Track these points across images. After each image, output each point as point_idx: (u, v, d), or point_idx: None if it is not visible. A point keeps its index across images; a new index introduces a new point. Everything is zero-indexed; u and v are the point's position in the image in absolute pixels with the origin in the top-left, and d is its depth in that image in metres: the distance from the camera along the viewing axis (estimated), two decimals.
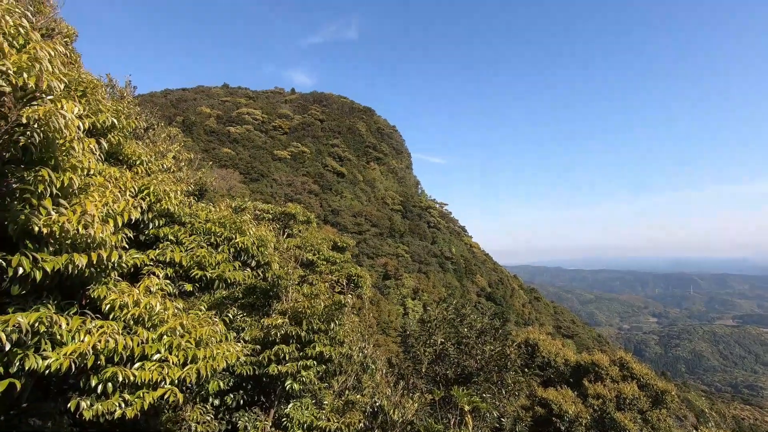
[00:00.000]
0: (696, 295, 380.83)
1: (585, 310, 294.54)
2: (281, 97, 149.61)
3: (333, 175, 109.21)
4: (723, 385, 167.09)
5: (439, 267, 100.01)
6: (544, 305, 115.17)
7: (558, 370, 17.03)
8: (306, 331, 7.78)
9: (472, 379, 11.44)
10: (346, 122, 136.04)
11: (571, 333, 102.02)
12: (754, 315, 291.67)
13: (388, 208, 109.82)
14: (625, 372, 15.28)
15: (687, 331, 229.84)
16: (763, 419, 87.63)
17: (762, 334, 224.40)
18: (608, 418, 13.28)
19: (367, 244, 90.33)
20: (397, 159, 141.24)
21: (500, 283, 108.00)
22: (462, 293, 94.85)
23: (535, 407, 15.24)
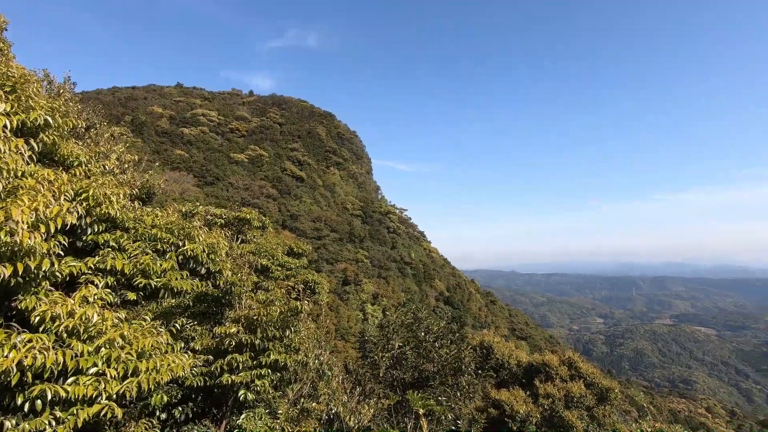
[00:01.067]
0: (638, 297, 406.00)
1: (538, 312, 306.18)
2: (239, 99, 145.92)
3: (292, 180, 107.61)
4: (662, 381, 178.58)
5: (398, 272, 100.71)
6: (500, 308, 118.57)
7: (511, 372, 17.56)
8: (260, 339, 7.57)
9: (428, 382, 11.57)
10: (306, 126, 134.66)
11: (525, 335, 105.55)
12: (689, 314, 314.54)
13: (348, 213, 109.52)
14: (573, 371, 16.01)
15: (630, 331, 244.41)
16: (696, 411, 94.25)
17: (695, 332, 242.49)
18: (557, 417, 13.83)
19: (327, 249, 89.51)
20: (357, 164, 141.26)
21: (458, 287, 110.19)
22: (421, 298, 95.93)
23: (488, 408, 15.61)
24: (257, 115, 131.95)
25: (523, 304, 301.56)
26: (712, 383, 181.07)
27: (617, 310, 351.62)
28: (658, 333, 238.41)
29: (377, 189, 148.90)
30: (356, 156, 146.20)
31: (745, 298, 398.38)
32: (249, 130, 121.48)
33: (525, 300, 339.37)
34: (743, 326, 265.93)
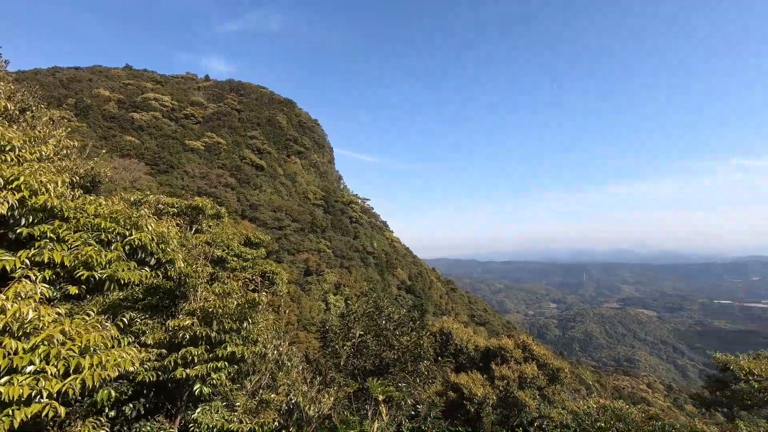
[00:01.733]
0: (589, 283, 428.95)
1: (496, 298, 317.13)
2: (194, 84, 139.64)
3: (251, 168, 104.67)
4: (608, 360, 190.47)
5: (361, 262, 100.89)
6: (460, 296, 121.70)
7: (469, 356, 18.12)
8: (217, 331, 7.37)
9: (389, 369, 11.74)
10: (266, 113, 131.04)
11: (483, 320, 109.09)
12: (634, 298, 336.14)
13: (310, 203, 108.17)
14: (527, 354, 16.75)
15: (581, 315, 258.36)
16: (638, 387, 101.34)
17: (639, 314, 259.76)
18: (512, 397, 14.46)
19: (288, 239, 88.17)
20: (319, 153, 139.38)
21: (419, 276, 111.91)
22: (383, 287, 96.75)
23: (448, 392, 16.07)
24: (214, 101, 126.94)
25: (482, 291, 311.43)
26: (653, 361, 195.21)
27: (569, 295, 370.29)
28: (606, 316, 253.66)
29: (339, 178, 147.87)
30: (318, 145, 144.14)
31: (683, 282, 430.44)
32: (205, 117, 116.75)
33: (484, 287, 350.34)
34: (680, 308, 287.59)
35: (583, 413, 11.89)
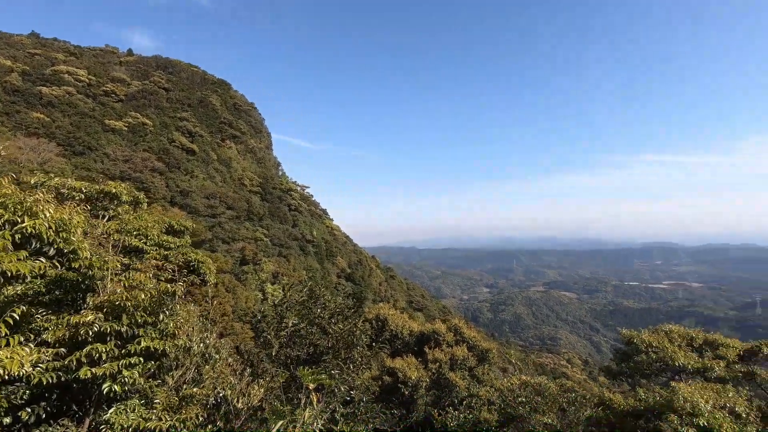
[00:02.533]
0: (518, 268, 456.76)
1: (433, 285, 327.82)
2: (114, 58, 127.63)
3: (182, 152, 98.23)
4: (534, 340, 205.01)
5: (300, 250, 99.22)
6: (399, 283, 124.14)
7: (404, 341, 18.56)
8: (128, 325, 6.81)
9: (322, 357, 11.66)
10: (197, 94, 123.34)
11: (421, 306, 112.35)
12: (557, 281, 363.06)
13: (246, 190, 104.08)
14: (459, 337, 17.48)
15: (510, 298, 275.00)
16: (559, 363, 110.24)
17: (561, 296, 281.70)
18: (443, 379, 15.04)
19: (222, 228, 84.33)
20: (256, 138, 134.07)
21: (359, 264, 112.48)
22: (323, 275, 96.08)
23: (383, 377, 16.35)
24: (138, 77, 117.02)
25: (420, 278, 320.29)
26: (572, 339, 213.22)
27: (501, 280, 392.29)
28: (533, 299, 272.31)
29: (278, 165, 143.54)
30: (255, 129, 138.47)
31: (599, 266, 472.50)
32: (128, 95, 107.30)
33: (422, 274, 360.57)
34: (597, 290, 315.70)
35: (507, 390, 12.69)
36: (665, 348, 14.16)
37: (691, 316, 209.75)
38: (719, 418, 10.50)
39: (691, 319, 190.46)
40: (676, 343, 14.84)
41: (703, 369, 14.05)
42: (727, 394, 11.88)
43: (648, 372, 14.88)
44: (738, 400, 11.53)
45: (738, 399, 11.60)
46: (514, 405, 11.86)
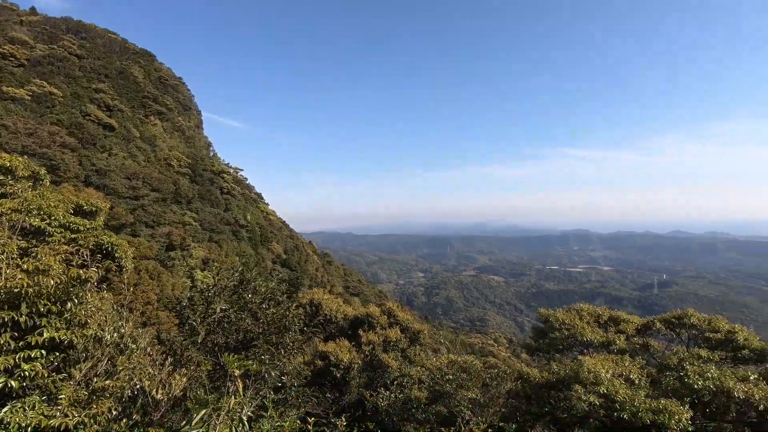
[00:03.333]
0: (451, 253, 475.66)
1: (370, 270, 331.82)
2: (13, 15, 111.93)
3: (98, 128, 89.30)
4: (465, 321, 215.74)
5: (232, 235, 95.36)
6: (336, 268, 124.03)
7: (338, 325, 18.65)
8: (27, 315, 6.15)
9: (252, 343, 11.39)
10: (117, 64, 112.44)
11: (357, 291, 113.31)
12: (487, 266, 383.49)
13: (173, 171, 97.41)
14: (392, 320, 17.91)
15: (444, 282, 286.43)
16: (487, 342, 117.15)
17: (490, 280, 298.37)
18: (376, 360, 15.36)
19: (146, 211, 78.51)
20: (184, 116, 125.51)
21: (296, 249, 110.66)
22: (257, 261, 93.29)
23: (316, 361, 16.35)
24: (44, 41, 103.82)
25: (357, 263, 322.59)
26: (499, 320, 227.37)
27: (435, 265, 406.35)
28: (464, 283, 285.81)
29: (209, 145, 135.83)
30: (183, 106, 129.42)
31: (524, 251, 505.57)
32: (32, 60, 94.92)
33: (359, 259, 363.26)
34: (522, 273, 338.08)
35: (436, 369, 13.30)
36: (576, 325, 15.56)
37: (602, 296, 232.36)
38: (616, 385, 11.78)
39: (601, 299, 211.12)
40: (585, 321, 16.37)
41: (607, 343, 15.63)
42: (624, 364, 13.36)
43: (561, 347, 16.26)
44: (633, 368, 13.01)
45: (633, 368, 13.08)
46: (442, 383, 12.46)
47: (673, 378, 12.85)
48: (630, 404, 11.23)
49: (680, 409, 10.96)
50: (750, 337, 14.46)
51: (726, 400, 11.92)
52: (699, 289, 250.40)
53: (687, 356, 13.67)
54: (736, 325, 14.86)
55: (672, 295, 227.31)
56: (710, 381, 11.96)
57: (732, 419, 12.68)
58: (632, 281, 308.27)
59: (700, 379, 12.06)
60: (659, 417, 10.90)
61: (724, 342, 14.38)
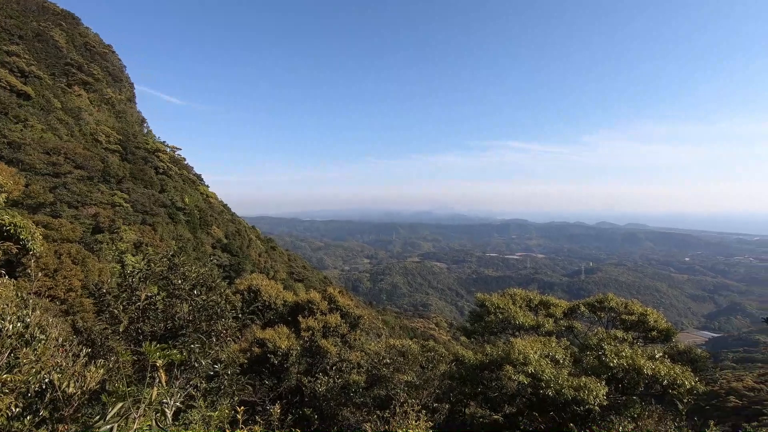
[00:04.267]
0: (397, 240, 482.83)
1: (316, 256, 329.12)
2: None
3: (10, 95, 79.78)
4: (408, 306, 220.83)
5: (168, 218, 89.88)
6: (280, 254, 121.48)
7: (278, 311, 18.24)
8: None
9: (181, 331, 10.79)
10: (33, 25, 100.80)
11: (302, 277, 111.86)
12: (431, 253, 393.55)
13: (101, 147, 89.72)
14: (333, 305, 17.79)
15: (389, 268, 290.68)
16: (428, 326, 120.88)
17: (433, 266, 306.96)
18: (315, 346, 15.21)
19: (69, 189, 71.79)
20: (114, 87, 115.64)
21: (238, 234, 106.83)
22: (196, 245, 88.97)
23: (253, 348, 15.90)
24: None
25: (302, 249, 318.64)
26: (441, 304, 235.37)
27: (381, 251, 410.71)
28: (409, 269, 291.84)
29: (142, 121, 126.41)
30: (113, 77, 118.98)
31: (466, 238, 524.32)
32: None
33: (305, 245, 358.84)
34: (463, 260, 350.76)
35: (374, 353, 13.41)
36: (510, 309, 16.34)
37: (536, 282, 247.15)
38: (543, 365, 12.54)
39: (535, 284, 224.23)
40: (518, 305, 17.23)
41: (537, 325, 16.57)
42: (551, 345, 14.25)
43: (495, 330, 17.01)
44: (558, 349, 13.91)
45: (558, 349, 13.98)
46: (380, 367, 12.60)
47: (593, 357, 13.91)
48: (555, 382, 12.00)
49: (598, 385, 11.89)
50: (659, 319, 15.97)
51: (636, 376, 13.09)
52: (620, 276, 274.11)
53: (605, 337, 14.82)
54: (648, 308, 16.34)
55: (597, 281, 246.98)
56: (624, 359, 13.07)
57: (640, 393, 14.00)
58: (563, 268, 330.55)
59: (615, 357, 13.13)
60: (580, 393, 11.76)
61: (637, 324, 15.77)
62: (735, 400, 57.96)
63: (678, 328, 34.72)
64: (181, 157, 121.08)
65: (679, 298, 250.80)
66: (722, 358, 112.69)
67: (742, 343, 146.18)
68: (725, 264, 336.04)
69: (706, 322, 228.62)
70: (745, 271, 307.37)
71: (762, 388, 59.73)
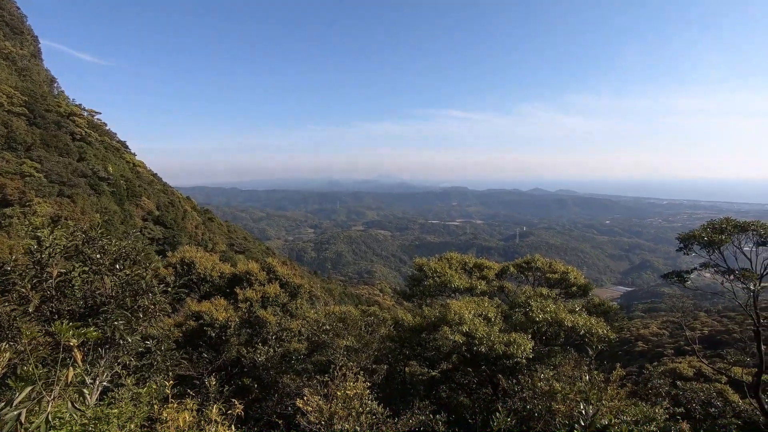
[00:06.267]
0: (341, 209, 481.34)
1: (258, 227, 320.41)
2: None
3: None
4: (354, 274, 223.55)
5: (91, 189, 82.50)
6: (218, 225, 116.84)
7: (214, 284, 17.63)
8: None
9: (102, 308, 10.08)
10: None
11: (243, 249, 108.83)
12: (375, 221, 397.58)
13: (3, 110, 79.34)
14: (272, 275, 17.49)
15: (333, 237, 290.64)
16: (373, 293, 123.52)
17: (377, 234, 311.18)
18: (254, 317, 14.97)
19: None
20: (13, 41, 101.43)
21: (171, 205, 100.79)
22: (123, 218, 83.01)
23: (188, 322, 15.36)
24: None
25: (243, 220, 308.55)
26: (386, 271, 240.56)
27: (325, 221, 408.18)
28: (353, 237, 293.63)
29: (52, 81, 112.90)
30: (12, 30, 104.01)
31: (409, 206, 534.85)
32: None
33: (245, 216, 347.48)
34: (406, 227, 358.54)
35: (314, 320, 13.48)
36: (446, 272, 17.00)
37: (475, 247, 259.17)
38: (476, 324, 13.28)
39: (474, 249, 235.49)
40: (454, 268, 17.96)
41: (471, 287, 17.43)
42: (484, 305, 15.08)
43: (433, 293, 17.68)
44: (490, 308, 14.77)
45: (490, 308, 14.85)
46: (319, 333, 12.71)
47: (521, 314, 14.95)
48: (487, 339, 12.79)
49: (525, 340, 12.85)
50: (578, 276, 17.43)
51: (558, 328, 14.31)
52: (550, 238, 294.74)
53: (532, 294, 15.95)
54: (569, 267, 17.75)
55: (530, 244, 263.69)
56: (548, 314, 14.18)
57: (561, 343, 15.37)
58: (500, 233, 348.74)
59: (541, 313, 14.21)
60: (509, 348, 12.66)
61: (559, 281, 17.11)
62: (642, 344, 65.81)
63: (598, 285, 37.42)
64: (101, 122, 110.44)
65: (600, 257, 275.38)
66: (634, 309, 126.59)
67: (651, 296, 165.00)
68: (639, 225, 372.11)
69: (621, 278, 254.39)
70: (654, 231, 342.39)
71: (663, 333, 68.22)
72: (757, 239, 14.45)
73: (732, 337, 54.19)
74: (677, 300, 23.28)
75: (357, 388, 7.78)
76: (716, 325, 64.92)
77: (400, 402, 12.31)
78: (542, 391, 9.92)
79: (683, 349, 52.86)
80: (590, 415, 6.65)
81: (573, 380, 10.56)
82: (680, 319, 23.17)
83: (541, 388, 10.02)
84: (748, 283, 14.31)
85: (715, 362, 30.94)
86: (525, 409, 9.79)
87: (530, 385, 10.47)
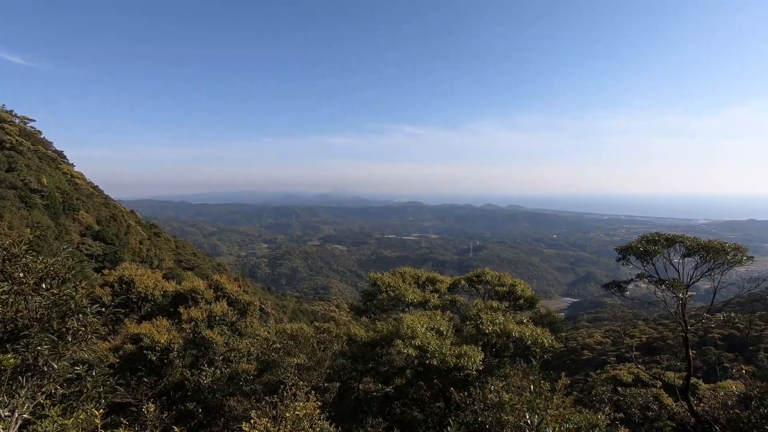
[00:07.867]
0: (297, 224, 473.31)
1: (208, 242, 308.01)
2: None
3: None
4: (309, 290, 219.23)
5: (20, 202, 75.99)
6: (165, 240, 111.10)
7: (156, 303, 16.63)
8: None
9: (23, 332, 9.20)
10: None
11: (192, 265, 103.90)
12: (332, 236, 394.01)
13: None
14: (219, 293, 16.76)
15: (288, 253, 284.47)
16: (329, 309, 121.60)
17: (334, 249, 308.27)
18: (199, 337, 14.22)
19: None
20: None
21: (113, 219, 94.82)
22: (58, 234, 76.90)
23: (126, 345, 14.35)
24: None
25: (193, 235, 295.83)
26: (342, 287, 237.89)
27: (280, 235, 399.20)
28: (309, 252, 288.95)
29: None
30: None
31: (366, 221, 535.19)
32: None
33: (195, 231, 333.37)
34: (363, 242, 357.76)
35: (264, 339, 13.00)
36: (399, 287, 17.04)
37: (430, 261, 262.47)
38: (429, 337, 13.35)
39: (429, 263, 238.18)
40: (408, 282, 18.06)
41: (424, 301, 17.57)
42: (437, 318, 15.22)
43: (387, 307, 17.64)
44: (442, 322, 14.92)
45: (442, 321, 15.00)
46: (269, 352, 12.26)
47: (472, 326, 15.22)
48: (439, 352, 12.87)
49: (475, 351, 13.05)
50: (525, 288, 18.06)
51: (506, 339, 14.68)
52: (501, 252, 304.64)
53: (483, 307, 16.29)
54: (516, 280, 18.36)
55: (483, 258, 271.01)
56: (497, 326, 14.52)
57: (510, 354, 15.76)
58: (454, 247, 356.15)
59: (490, 325, 14.52)
60: (460, 360, 12.80)
61: (508, 293, 17.63)
62: (588, 353, 68.90)
63: (547, 296, 38.59)
64: (34, 130, 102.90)
65: (548, 270, 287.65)
66: (580, 319, 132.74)
67: (595, 306, 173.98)
68: (583, 239, 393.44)
69: (568, 289, 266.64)
70: (597, 245, 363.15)
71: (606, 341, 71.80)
72: (683, 251, 15.67)
73: (666, 344, 57.94)
74: (618, 309, 24.74)
75: (307, 408, 7.54)
76: (653, 332, 69.30)
77: (353, 420, 12.06)
78: (492, 403, 10.06)
79: (624, 356, 55.91)
80: (535, 425, 6.81)
81: (521, 391, 10.82)
82: (620, 327, 24.59)
83: (492, 399, 10.17)
84: (677, 292, 15.44)
85: (652, 368, 32.93)
86: (476, 421, 9.88)
87: (481, 397, 10.60)
